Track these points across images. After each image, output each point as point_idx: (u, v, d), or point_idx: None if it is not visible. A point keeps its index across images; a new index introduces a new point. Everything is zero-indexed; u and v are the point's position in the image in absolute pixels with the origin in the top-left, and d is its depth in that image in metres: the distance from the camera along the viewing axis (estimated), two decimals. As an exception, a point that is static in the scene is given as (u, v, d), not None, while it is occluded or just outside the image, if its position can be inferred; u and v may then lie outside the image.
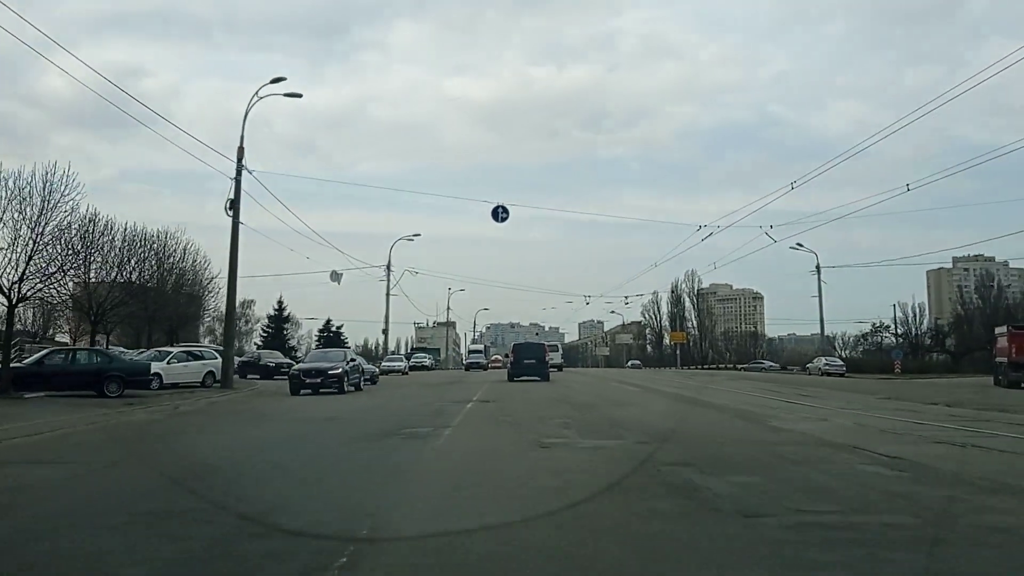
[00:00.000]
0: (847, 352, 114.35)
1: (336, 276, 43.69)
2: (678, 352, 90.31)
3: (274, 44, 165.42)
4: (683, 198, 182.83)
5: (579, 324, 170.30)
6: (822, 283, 57.80)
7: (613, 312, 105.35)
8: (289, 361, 41.16)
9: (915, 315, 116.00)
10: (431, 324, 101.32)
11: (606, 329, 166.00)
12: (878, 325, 74.48)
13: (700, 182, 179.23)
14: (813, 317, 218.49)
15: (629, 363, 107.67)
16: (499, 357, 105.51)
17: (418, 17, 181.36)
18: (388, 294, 57.59)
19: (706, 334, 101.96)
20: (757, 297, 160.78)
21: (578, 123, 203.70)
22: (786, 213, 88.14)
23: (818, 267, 58.88)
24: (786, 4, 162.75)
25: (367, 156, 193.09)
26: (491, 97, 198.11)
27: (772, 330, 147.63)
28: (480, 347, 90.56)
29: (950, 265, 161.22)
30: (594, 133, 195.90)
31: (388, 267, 57.55)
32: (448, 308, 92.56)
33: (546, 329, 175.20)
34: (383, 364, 51.49)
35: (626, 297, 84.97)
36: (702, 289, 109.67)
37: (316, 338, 61.48)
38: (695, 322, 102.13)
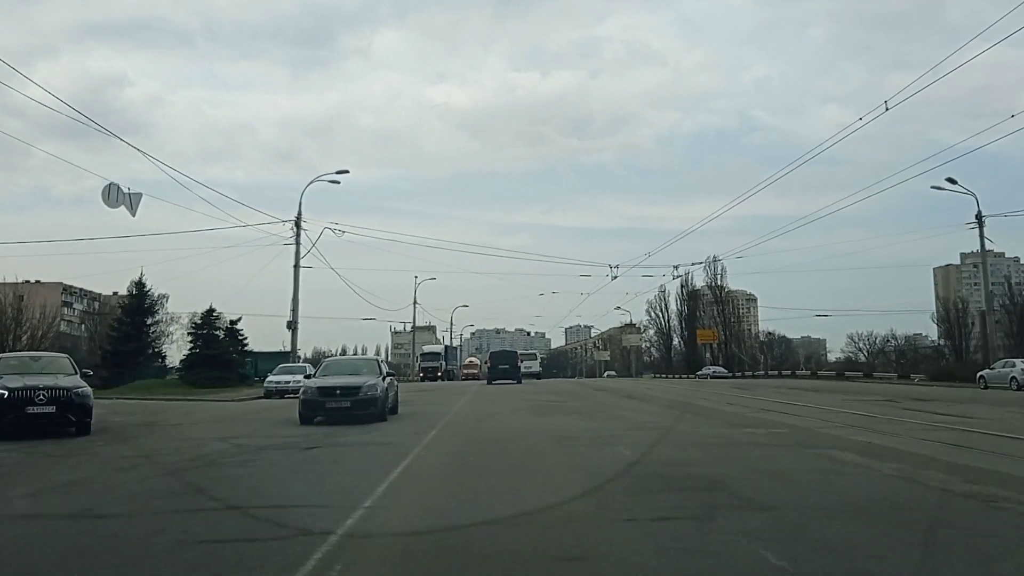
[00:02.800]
0: (874, 358, 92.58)
1: (121, 196, 19.87)
2: (708, 356, 66.41)
3: (257, 52, 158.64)
4: (667, 204, 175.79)
5: (566, 329, 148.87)
6: (986, 240, 34.38)
7: (618, 308, 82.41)
8: (76, 388, 15.69)
9: (958, 312, 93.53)
10: (409, 329, 78.56)
11: (593, 334, 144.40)
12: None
13: (683, 187, 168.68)
14: (800, 312, 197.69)
15: (606, 373, 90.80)
16: (474, 360, 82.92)
17: (401, 25, 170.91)
18: (297, 264, 33.86)
19: (732, 334, 78.22)
20: (751, 299, 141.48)
21: (561, 129, 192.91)
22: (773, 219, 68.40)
23: (979, 217, 35.36)
24: (768, 9, 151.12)
25: (349, 163, 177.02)
26: (474, 104, 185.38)
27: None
28: (437, 349, 66.87)
29: (958, 262, 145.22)
30: (577, 139, 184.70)
31: (298, 222, 33.81)
32: (415, 303, 68.55)
33: (531, 335, 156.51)
34: (268, 382, 27.93)
35: (675, 267, 57.67)
36: (699, 288, 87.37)
37: (189, 336, 37.53)
38: (718, 320, 78.33)
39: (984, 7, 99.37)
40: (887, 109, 19.53)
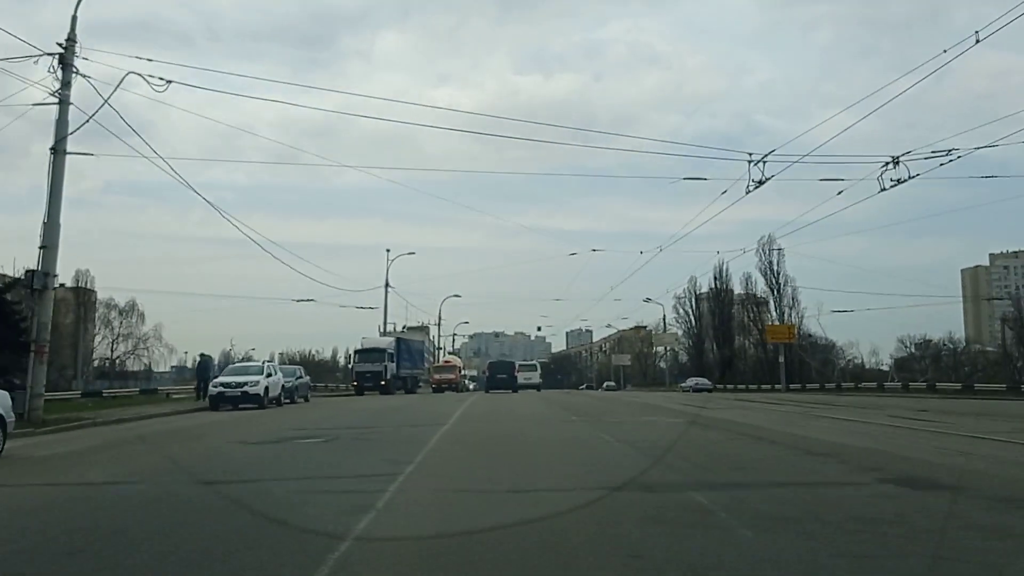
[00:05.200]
0: (927, 364, 74.37)
1: None
2: (783, 360, 46.87)
3: (259, 53, 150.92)
4: (669, 207, 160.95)
5: (567, 333, 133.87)
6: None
7: (647, 300, 64.39)
8: None
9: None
10: (403, 328, 65.70)
11: (595, 339, 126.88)
12: None
13: (686, 191, 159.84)
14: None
15: (604, 384, 78.65)
16: (453, 360, 63.51)
17: (402, 26, 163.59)
18: (62, 146, 14.49)
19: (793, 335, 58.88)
20: (762, 302, 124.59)
21: (563, 132, 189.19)
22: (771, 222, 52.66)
23: None
24: (772, 13, 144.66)
25: (351, 166, 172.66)
26: (476, 106, 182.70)
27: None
28: (381, 344, 47.42)
29: (987, 263, 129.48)
30: (580, 142, 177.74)
31: (64, 60, 15.04)
32: (387, 285, 49.52)
33: (532, 338, 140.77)
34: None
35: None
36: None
37: None
38: (774, 315, 59.04)
39: (988, 11, 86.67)
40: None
